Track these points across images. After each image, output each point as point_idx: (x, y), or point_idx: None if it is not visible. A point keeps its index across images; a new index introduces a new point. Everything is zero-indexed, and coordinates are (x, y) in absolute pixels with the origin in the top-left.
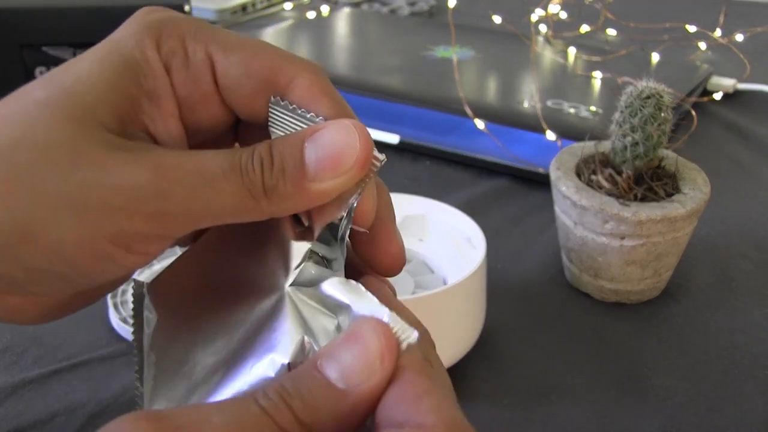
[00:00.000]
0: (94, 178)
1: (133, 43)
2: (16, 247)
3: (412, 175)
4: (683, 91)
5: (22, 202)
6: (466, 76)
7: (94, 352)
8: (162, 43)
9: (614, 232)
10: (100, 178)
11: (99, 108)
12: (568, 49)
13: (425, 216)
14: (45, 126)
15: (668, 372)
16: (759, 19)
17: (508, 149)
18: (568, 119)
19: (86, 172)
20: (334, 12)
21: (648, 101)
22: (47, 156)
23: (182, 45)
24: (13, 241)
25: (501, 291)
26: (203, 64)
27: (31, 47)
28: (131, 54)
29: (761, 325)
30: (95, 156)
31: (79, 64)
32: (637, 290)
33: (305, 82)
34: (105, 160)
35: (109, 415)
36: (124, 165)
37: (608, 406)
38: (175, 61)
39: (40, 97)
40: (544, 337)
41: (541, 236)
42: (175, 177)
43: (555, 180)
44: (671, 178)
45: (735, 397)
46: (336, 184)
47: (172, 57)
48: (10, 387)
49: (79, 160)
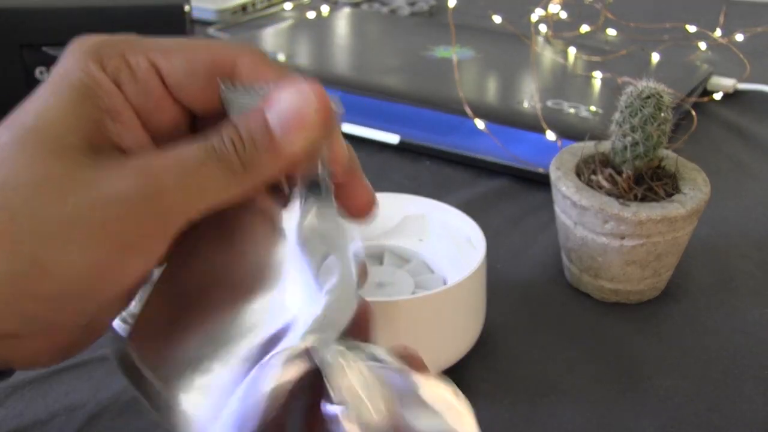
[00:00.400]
0: (87, 198)
1: (79, 70)
2: (33, 285)
3: (412, 175)
4: (683, 91)
5: (26, 240)
6: (466, 76)
7: (94, 352)
8: (105, 63)
9: (614, 232)
10: (92, 197)
11: (67, 137)
12: (568, 49)
13: (425, 216)
14: (23, 165)
15: (668, 372)
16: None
17: (508, 149)
18: (568, 119)
19: (78, 196)
20: (334, 12)
21: (648, 101)
22: (36, 192)
23: (124, 60)
24: (27, 279)
25: (501, 291)
26: (149, 72)
27: (31, 47)
28: (80, 81)
29: (761, 325)
30: (81, 179)
31: (34, 102)
32: (637, 290)
33: (246, 62)
34: (91, 180)
35: (109, 415)
36: (110, 179)
37: (608, 406)
38: (123, 76)
39: (7, 140)
40: (544, 337)
41: (541, 236)
42: (160, 176)
43: (555, 180)
44: (671, 178)
45: (735, 397)
46: (305, 140)
47: (118, 73)
48: (10, 387)
49: (67, 187)
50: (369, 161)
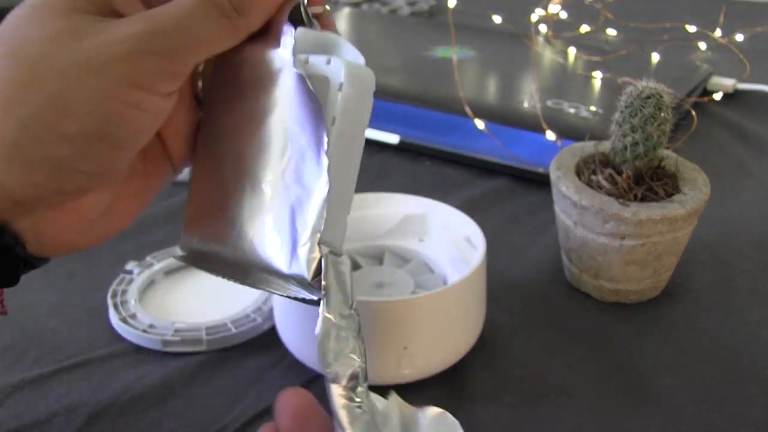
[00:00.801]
0: (99, 41)
1: None
2: (56, 120)
3: (412, 175)
4: (683, 91)
5: (50, 81)
6: (466, 76)
7: (94, 352)
8: None
9: (614, 232)
10: (103, 39)
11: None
12: (568, 49)
13: (425, 216)
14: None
15: (668, 372)
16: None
17: (508, 149)
18: (568, 119)
19: (90, 39)
20: (334, 12)
21: (648, 101)
22: (52, 42)
23: None
24: (52, 114)
25: (501, 291)
26: None
27: None
28: None
29: (761, 325)
30: (92, 28)
31: None
32: (637, 290)
33: None
34: (102, 28)
35: (109, 415)
36: (118, 25)
37: (608, 406)
38: None
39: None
40: (544, 337)
41: (541, 236)
42: (161, 20)
43: (555, 180)
44: (671, 178)
45: (735, 397)
46: None
47: None
48: (10, 387)
49: (81, 34)
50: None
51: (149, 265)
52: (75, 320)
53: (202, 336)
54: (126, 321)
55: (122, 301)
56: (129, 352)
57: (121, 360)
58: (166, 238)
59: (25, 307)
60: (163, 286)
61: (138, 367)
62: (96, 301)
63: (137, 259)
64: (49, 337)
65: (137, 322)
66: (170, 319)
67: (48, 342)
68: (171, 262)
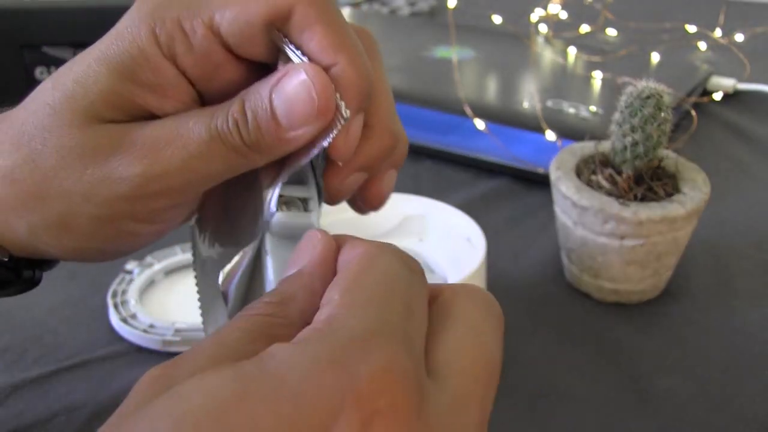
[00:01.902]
0: (101, 174)
1: (130, 40)
2: (59, 234)
3: (412, 175)
4: (683, 91)
5: (55, 201)
6: (466, 76)
7: (94, 352)
8: (159, 32)
9: (614, 232)
10: (106, 173)
11: (98, 108)
12: (568, 49)
13: (425, 216)
14: (57, 133)
15: (668, 372)
16: (759, 19)
17: (508, 149)
18: (568, 119)
19: (93, 171)
20: None
21: (648, 101)
22: (63, 162)
23: (179, 27)
24: (53, 229)
25: (501, 291)
26: (205, 38)
27: (31, 47)
28: (128, 54)
29: (761, 325)
30: (97, 156)
31: (79, 66)
32: (637, 290)
33: (301, 10)
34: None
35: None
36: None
37: (608, 406)
38: (178, 47)
39: (50, 100)
40: (544, 337)
41: (541, 236)
42: (164, 158)
43: (555, 180)
44: (671, 178)
45: (735, 397)
46: (309, 129)
47: (173, 43)
48: (10, 387)
49: (86, 162)
50: None
51: (149, 265)
52: (75, 320)
53: (202, 336)
54: (126, 321)
55: (122, 301)
56: (129, 352)
57: (121, 360)
58: (166, 238)
59: (25, 307)
60: (163, 286)
61: (138, 367)
62: (96, 301)
63: (137, 259)
64: (49, 337)
65: (137, 322)
66: (170, 319)
67: (48, 342)
68: (171, 262)
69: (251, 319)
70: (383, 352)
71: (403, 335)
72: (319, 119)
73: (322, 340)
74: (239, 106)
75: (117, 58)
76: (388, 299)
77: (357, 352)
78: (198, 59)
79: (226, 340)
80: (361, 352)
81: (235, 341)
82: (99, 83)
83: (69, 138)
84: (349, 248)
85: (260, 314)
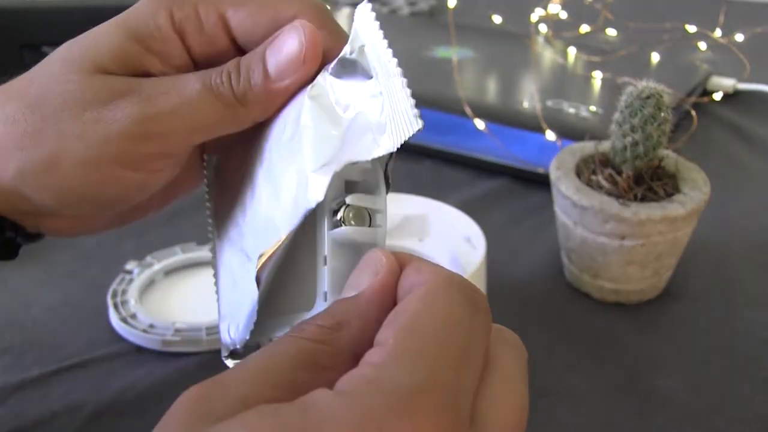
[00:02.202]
0: (98, 115)
1: (147, 13)
2: (44, 175)
3: (412, 175)
4: (683, 91)
5: (50, 140)
6: (466, 76)
7: (94, 352)
8: (175, 12)
9: (614, 232)
10: (102, 115)
11: (104, 63)
12: (568, 49)
13: (425, 216)
14: (63, 80)
15: (668, 372)
16: (759, 19)
17: (508, 149)
18: (568, 119)
19: (91, 112)
20: (334, 12)
21: (648, 101)
22: (65, 105)
23: (195, 11)
24: (41, 169)
25: (501, 291)
26: (216, 26)
27: (31, 47)
28: (143, 22)
29: (761, 325)
30: (99, 96)
31: (99, 29)
32: (637, 290)
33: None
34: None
35: (109, 415)
36: (118, 102)
37: (608, 406)
38: (189, 27)
39: (64, 55)
40: (544, 337)
41: (541, 236)
42: (158, 103)
43: (555, 180)
44: (671, 178)
45: (735, 397)
46: (294, 79)
47: (186, 23)
48: (10, 387)
49: (86, 105)
50: None
51: (149, 265)
52: (75, 320)
53: (202, 336)
54: (126, 321)
55: (122, 301)
56: (129, 352)
57: (121, 360)
58: (166, 238)
59: (25, 307)
60: (163, 286)
61: (138, 367)
62: (96, 301)
63: (137, 259)
64: (49, 337)
65: (137, 322)
66: (170, 319)
67: (48, 342)
68: (171, 262)
69: (300, 343)
70: (428, 415)
71: (453, 392)
72: (306, 65)
73: (367, 396)
74: (235, 62)
75: (132, 23)
76: (444, 348)
77: (401, 412)
78: (204, 41)
79: (270, 365)
80: (405, 413)
81: (279, 367)
82: (110, 41)
83: (73, 83)
84: (414, 272)
85: (310, 339)
